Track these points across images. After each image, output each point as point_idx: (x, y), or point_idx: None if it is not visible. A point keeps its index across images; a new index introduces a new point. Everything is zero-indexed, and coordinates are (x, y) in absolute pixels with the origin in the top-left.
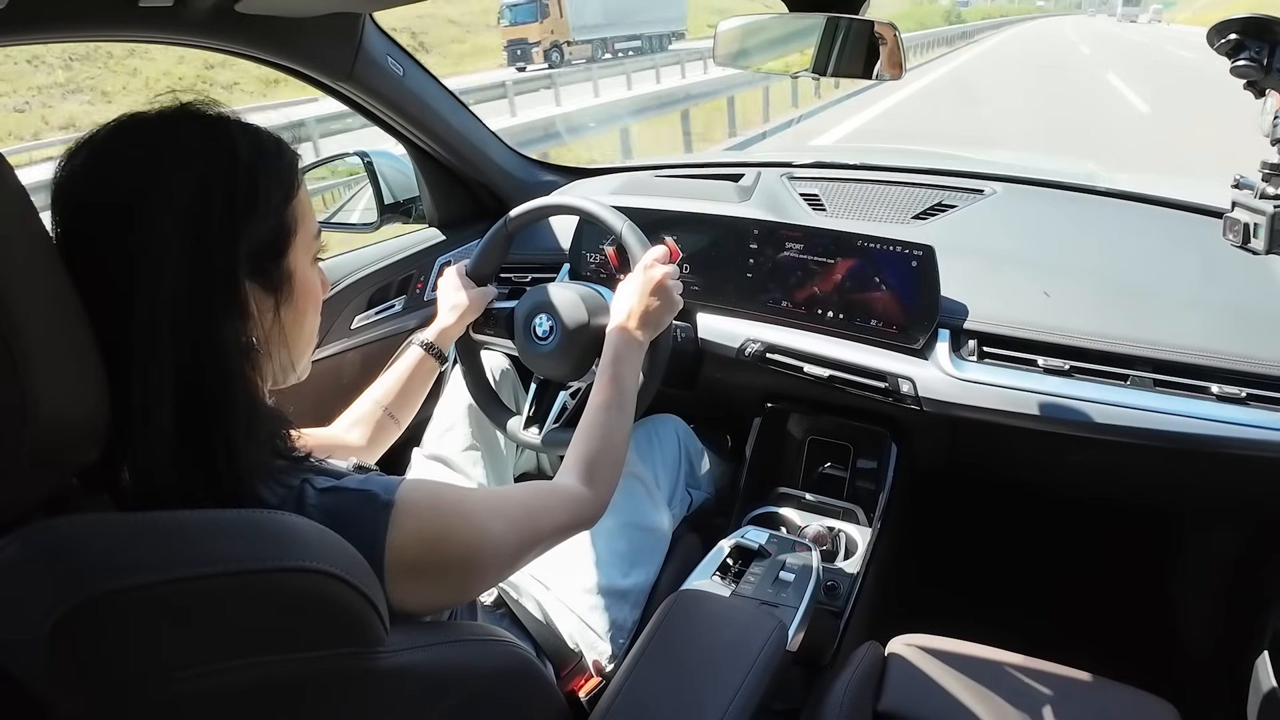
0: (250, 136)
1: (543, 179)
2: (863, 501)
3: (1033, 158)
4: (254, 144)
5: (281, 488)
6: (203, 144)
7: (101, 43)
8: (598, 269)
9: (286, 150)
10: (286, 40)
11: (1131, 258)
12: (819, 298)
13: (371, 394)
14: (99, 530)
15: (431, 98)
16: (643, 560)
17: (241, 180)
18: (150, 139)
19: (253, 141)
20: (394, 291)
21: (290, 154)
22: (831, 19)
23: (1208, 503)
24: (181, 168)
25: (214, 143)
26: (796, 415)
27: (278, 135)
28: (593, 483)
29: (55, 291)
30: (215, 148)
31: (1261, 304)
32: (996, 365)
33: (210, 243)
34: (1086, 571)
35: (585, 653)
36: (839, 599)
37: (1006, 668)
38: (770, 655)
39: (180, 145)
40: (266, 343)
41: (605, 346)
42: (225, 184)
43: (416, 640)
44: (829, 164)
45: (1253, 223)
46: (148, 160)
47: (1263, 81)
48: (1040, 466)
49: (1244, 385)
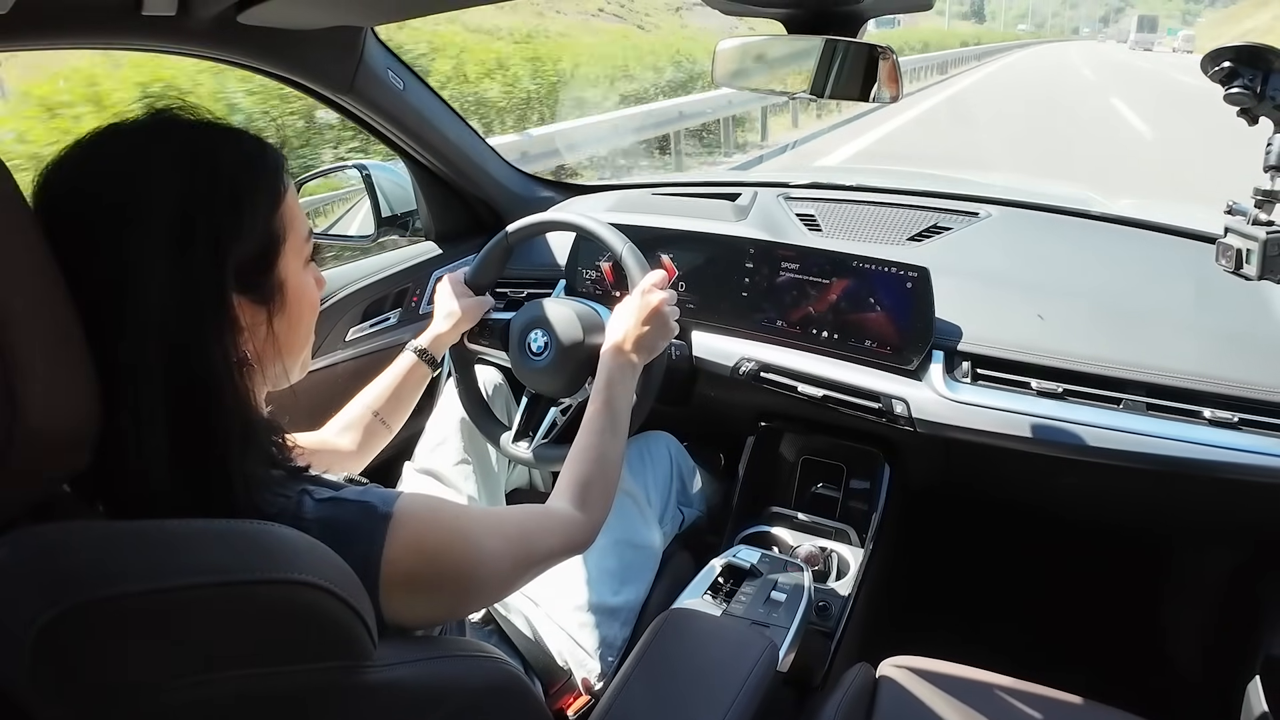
0: (232, 144)
1: (540, 195)
2: (855, 522)
3: (1028, 182)
4: (236, 152)
5: (280, 497)
6: (182, 158)
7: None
8: (594, 285)
9: (271, 153)
10: (288, 52)
11: (1125, 282)
12: (814, 317)
13: (363, 399)
14: (87, 537)
15: (431, 112)
16: (633, 578)
17: (224, 195)
18: (128, 153)
19: (234, 149)
20: (389, 304)
21: (275, 157)
22: (830, 42)
23: (1199, 526)
24: (161, 185)
25: (194, 156)
26: (790, 434)
27: (260, 138)
28: (586, 507)
29: (50, 297)
30: (195, 161)
31: (1254, 329)
32: (990, 387)
33: (195, 262)
34: (1079, 593)
35: (574, 670)
36: (830, 619)
37: (998, 690)
38: (761, 676)
39: (159, 160)
40: (260, 354)
41: (599, 369)
42: (208, 201)
43: (405, 655)
44: (825, 184)
45: (1245, 248)
46: (126, 177)
47: (1256, 109)
48: (1033, 488)
49: (1237, 410)
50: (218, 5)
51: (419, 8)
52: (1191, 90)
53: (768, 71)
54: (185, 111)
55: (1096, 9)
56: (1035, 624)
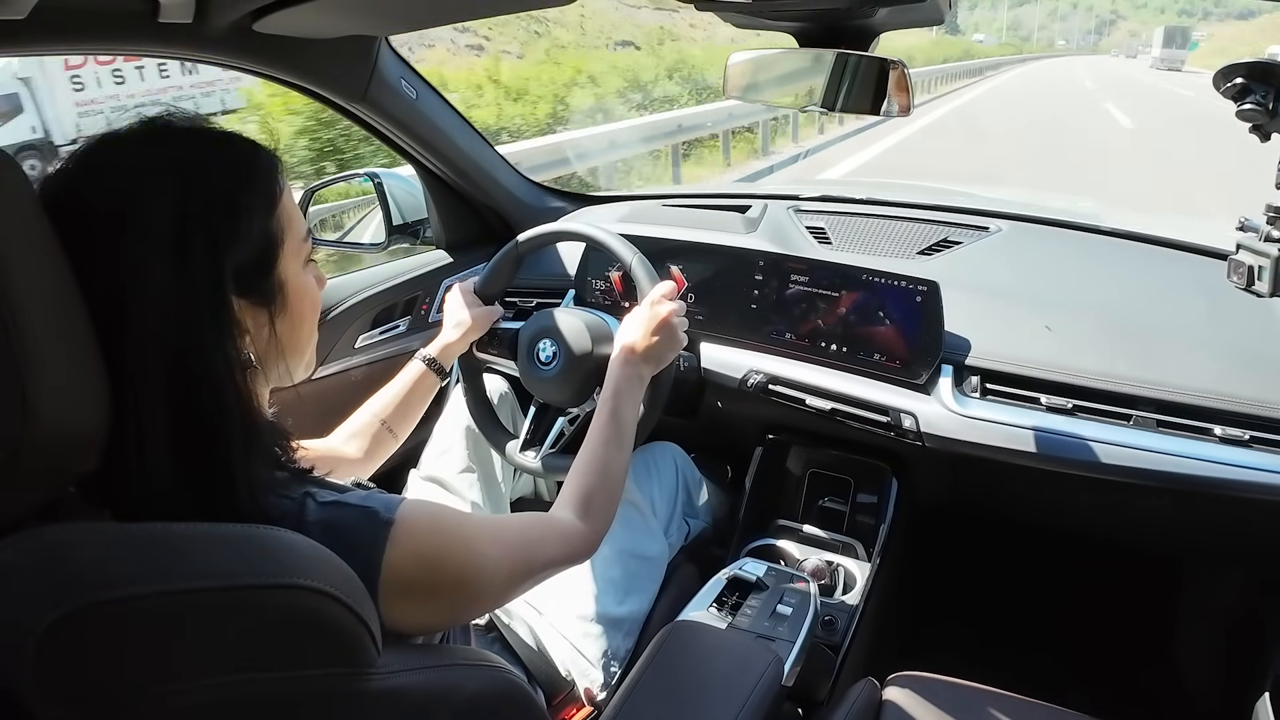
0: (225, 149)
1: (551, 204)
2: (862, 536)
3: (1038, 196)
4: (230, 157)
5: (283, 499)
6: (177, 165)
7: (122, 55)
8: (603, 296)
9: (265, 156)
10: (303, 61)
11: (1136, 298)
12: (823, 330)
13: (370, 406)
14: (93, 539)
15: (443, 121)
16: (637, 588)
17: (219, 201)
18: (125, 162)
19: (228, 155)
20: (399, 312)
21: (269, 160)
22: (841, 55)
23: (1209, 544)
24: (157, 193)
25: (188, 162)
26: (797, 447)
27: (255, 141)
28: (589, 518)
29: (61, 298)
30: (190, 168)
31: (1265, 347)
32: (999, 402)
33: (194, 268)
34: (1087, 611)
35: (577, 680)
36: (836, 635)
37: (1004, 708)
38: (765, 690)
39: (154, 168)
40: (263, 356)
41: (606, 380)
42: (203, 208)
43: (408, 662)
44: (835, 198)
45: (1257, 265)
46: (123, 186)
47: (1268, 125)
48: (1041, 505)
49: (1247, 428)
50: (233, 13)
51: (431, 18)
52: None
53: (779, 85)
54: (178, 119)
55: (1087, 21)
56: (1044, 642)
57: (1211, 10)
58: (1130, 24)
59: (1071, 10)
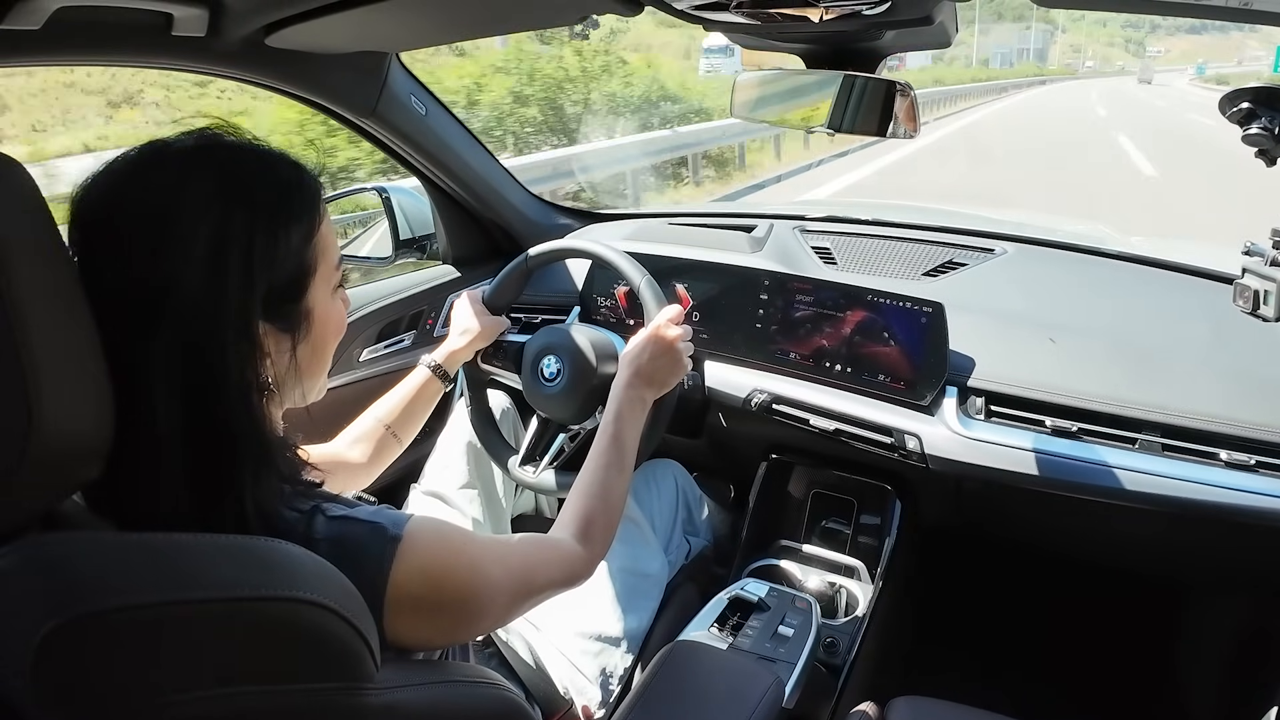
0: (269, 170)
1: (558, 221)
2: (865, 557)
3: (1044, 219)
4: (273, 180)
5: (293, 512)
6: (221, 185)
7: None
8: (608, 312)
9: (308, 179)
10: (314, 75)
11: (1142, 321)
12: (827, 350)
13: (374, 411)
14: (94, 548)
15: (452, 137)
16: (636, 605)
17: (260, 226)
18: (169, 176)
19: (272, 177)
20: (404, 326)
21: (311, 183)
22: (848, 77)
23: (1214, 570)
24: (199, 210)
25: (232, 183)
26: (800, 468)
27: (299, 163)
28: (588, 541)
29: (69, 306)
30: (232, 190)
31: (1271, 371)
32: (1004, 424)
33: (227, 288)
34: (1091, 637)
35: (575, 698)
36: (838, 656)
37: None
38: (766, 712)
39: (199, 185)
40: (282, 380)
41: (609, 402)
42: (243, 232)
43: (407, 679)
44: (841, 218)
45: (1263, 289)
46: (166, 199)
47: (1274, 150)
48: (1046, 529)
49: (1253, 453)
50: (246, 28)
51: (442, 35)
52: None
53: (786, 105)
54: (229, 133)
55: (1023, 39)
56: (1046, 667)
57: (1159, 23)
58: (1070, 37)
59: (1006, 23)
